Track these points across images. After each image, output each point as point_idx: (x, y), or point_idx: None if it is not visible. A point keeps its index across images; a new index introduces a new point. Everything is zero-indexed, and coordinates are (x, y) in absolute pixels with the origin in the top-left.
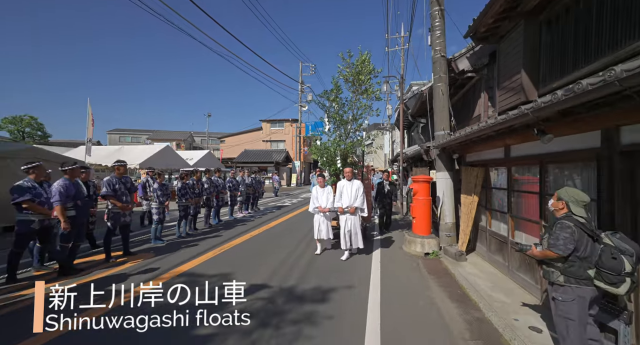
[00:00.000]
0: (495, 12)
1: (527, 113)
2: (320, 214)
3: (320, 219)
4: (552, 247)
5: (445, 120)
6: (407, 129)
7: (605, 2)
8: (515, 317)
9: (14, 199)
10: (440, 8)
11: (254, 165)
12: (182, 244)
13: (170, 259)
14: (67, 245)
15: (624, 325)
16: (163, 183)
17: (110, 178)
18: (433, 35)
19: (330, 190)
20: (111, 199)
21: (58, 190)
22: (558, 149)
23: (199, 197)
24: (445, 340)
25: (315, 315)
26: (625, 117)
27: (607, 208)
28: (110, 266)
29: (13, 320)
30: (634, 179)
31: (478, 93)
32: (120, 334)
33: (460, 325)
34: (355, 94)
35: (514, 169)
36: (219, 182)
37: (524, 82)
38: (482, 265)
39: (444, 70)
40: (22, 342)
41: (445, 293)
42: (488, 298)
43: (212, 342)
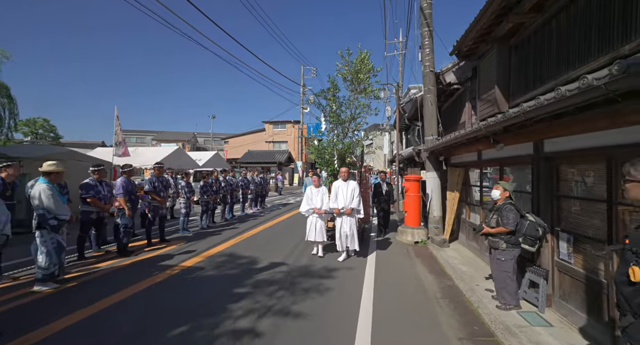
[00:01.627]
0: (474, 36)
1: (481, 128)
2: (314, 216)
3: (313, 221)
4: (506, 225)
5: (434, 127)
6: (404, 130)
7: (552, 36)
8: (477, 283)
9: (82, 194)
10: (429, 29)
11: (257, 165)
12: (206, 234)
13: (200, 244)
14: (130, 230)
15: (543, 280)
16: (189, 182)
17: (151, 177)
18: (423, 52)
19: (325, 190)
20: (152, 194)
21: (121, 185)
22: (510, 154)
23: (217, 194)
24: (422, 298)
25: (322, 284)
26: (543, 134)
27: (536, 197)
28: (153, 249)
29: (90, 284)
30: (552, 176)
31: (463, 102)
32: (185, 288)
33: (435, 289)
34: (353, 93)
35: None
36: (233, 181)
37: (497, 96)
38: (461, 250)
39: (433, 83)
40: (100, 300)
41: (427, 269)
42: (459, 272)
43: (248, 297)
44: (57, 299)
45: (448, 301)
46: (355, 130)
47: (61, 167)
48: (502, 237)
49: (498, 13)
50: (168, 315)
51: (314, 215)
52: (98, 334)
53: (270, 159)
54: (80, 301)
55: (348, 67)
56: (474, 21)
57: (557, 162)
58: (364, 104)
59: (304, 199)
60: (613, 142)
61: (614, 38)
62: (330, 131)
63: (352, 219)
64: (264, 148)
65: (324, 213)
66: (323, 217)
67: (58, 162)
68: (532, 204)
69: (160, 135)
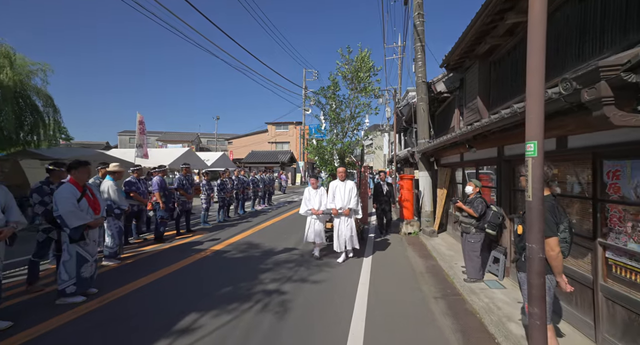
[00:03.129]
0: (459, 53)
1: (457, 136)
2: (313, 217)
3: (312, 222)
4: (475, 211)
5: (426, 131)
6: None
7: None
8: (456, 263)
9: (125, 190)
10: (421, 44)
11: (260, 165)
12: (224, 226)
13: (222, 234)
14: (165, 220)
15: (503, 256)
16: (209, 180)
17: (180, 176)
18: (416, 65)
19: (323, 191)
20: (181, 191)
21: (157, 182)
22: (482, 157)
23: (231, 191)
24: (410, 272)
25: (330, 262)
26: (500, 142)
27: (499, 191)
28: (182, 238)
29: (144, 261)
30: (510, 175)
31: (453, 108)
32: (221, 264)
33: (421, 267)
34: (353, 92)
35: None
36: (245, 180)
37: (479, 105)
38: (447, 239)
39: (425, 93)
40: (156, 271)
41: (417, 254)
42: (443, 255)
43: (271, 270)
44: (123, 270)
45: (430, 275)
46: (355, 130)
47: (123, 168)
48: (472, 223)
49: (477, 35)
50: (214, 281)
51: (312, 216)
52: (165, 292)
53: (273, 159)
54: (142, 271)
55: (348, 65)
56: (458, 40)
57: (514, 164)
58: (364, 103)
59: (303, 200)
60: None
61: (565, 63)
62: (330, 130)
63: (351, 220)
64: (266, 149)
65: (322, 214)
66: (321, 219)
67: (120, 164)
68: (496, 196)
69: (164, 136)
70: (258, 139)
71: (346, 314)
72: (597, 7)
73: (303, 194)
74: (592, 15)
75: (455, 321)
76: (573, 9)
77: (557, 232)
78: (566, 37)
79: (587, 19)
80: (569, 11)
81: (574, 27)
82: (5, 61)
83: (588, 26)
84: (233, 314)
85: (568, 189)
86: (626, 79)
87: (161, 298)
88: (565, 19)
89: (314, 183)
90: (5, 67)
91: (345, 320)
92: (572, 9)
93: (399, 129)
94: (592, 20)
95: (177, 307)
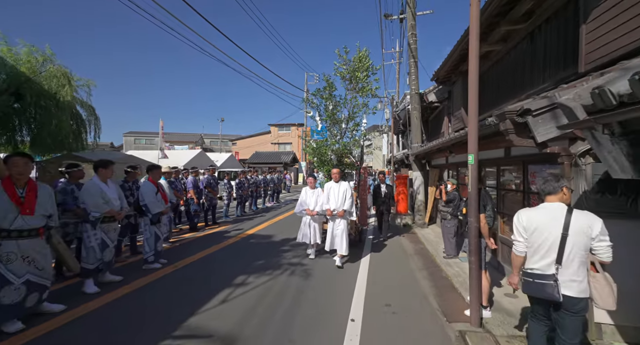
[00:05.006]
0: (446, 70)
1: (439, 144)
2: (308, 217)
3: (307, 222)
4: (447, 197)
5: (418, 137)
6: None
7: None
8: (440, 246)
9: None
10: (414, 60)
11: (264, 165)
12: (243, 220)
13: (244, 225)
14: (198, 213)
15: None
16: (230, 180)
17: (208, 176)
18: (410, 78)
19: (320, 192)
20: (209, 188)
21: (191, 181)
22: (461, 160)
23: (247, 189)
24: (402, 253)
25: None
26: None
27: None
28: (211, 228)
29: (189, 245)
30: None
31: (443, 116)
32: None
33: (411, 250)
34: (351, 92)
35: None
36: (258, 179)
37: (463, 115)
38: (435, 229)
39: (418, 102)
40: (200, 251)
41: (409, 240)
42: (430, 241)
43: (291, 251)
44: (179, 249)
45: (418, 256)
46: (353, 130)
47: (172, 169)
48: (448, 211)
49: (459, 58)
50: (250, 256)
51: (307, 216)
52: (218, 262)
53: (277, 160)
54: (190, 251)
55: (346, 65)
56: (444, 61)
57: (482, 167)
58: (363, 103)
59: (299, 200)
60: (493, 156)
61: (517, 89)
62: (328, 129)
63: (344, 221)
64: (269, 149)
65: (317, 215)
66: (317, 219)
67: (169, 166)
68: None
69: (169, 136)
70: (261, 140)
71: (353, 277)
72: (515, 65)
73: (300, 194)
74: (516, 68)
75: (433, 283)
76: (502, 65)
77: (484, 211)
78: (503, 79)
79: (513, 71)
80: (498, 68)
81: (505, 74)
82: (65, 80)
83: (514, 75)
84: (270, 276)
85: (512, 184)
86: (517, 120)
87: (216, 266)
88: (496, 72)
89: (311, 182)
90: (66, 86)
91: (353, 280)
92: (501, 65)
93: (397, 131)
94: (513, 73)
95: (230, 271)
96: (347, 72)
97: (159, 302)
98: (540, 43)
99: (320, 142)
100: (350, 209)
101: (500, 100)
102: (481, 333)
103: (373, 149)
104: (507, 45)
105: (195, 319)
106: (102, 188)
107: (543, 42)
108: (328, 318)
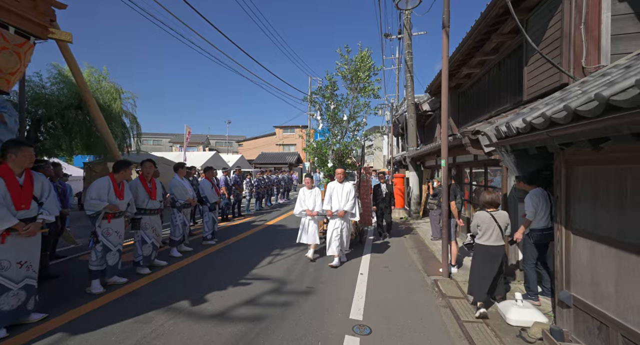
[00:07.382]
0: (437, 84)
1: (428, 149)
2: (307, 217)
3: (306, 222)
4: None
5: (414, 141)
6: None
7: (475, 93)
8: (429, 232)
9: None
10: (410, 75)
11: (270, 166)
12: (262, 213)
13: (265, 217)
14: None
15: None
16: (250, 179)
17: (235, 176)
18: (407, 90)
19: (317, 192)
20: (236, 186)
21: (223, 180)
22: None
23: (264, 187)
24: (398, 239)
25: None
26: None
27: None
28: (239, 219)
29: (227, 230)
30: (459, 174)
31: (436, 123)
32: (276, 232)
33: (406, 235)
34: (353, 92)
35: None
36: (272, 178)
37: (452, 123)
38: (428, 221)
39: (414, 111)
40: (237, 235)
41: (404, 228)
42: (422, 229)
43: None
44: (222, 233)
45: (412, 239)
46: (355, 130)
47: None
48: (434, 203)
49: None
50: (278, 238)
51: (306, 217)
52: (254, 242)
53: (282, 160)
54: (232, 234)
55: (348, 65)
56: (435, 78)
57: (462, 167)
58: (365, 103)
59: (297, 200)
60: (467, 160)
61: (489, 105)
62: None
63: (345, 222)
64: (274, 150)
65: (316, 215)
66: (316, 220)
67: None
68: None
69: (176, 138)
70: (266, 141)
71: (360, 252)
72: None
73: (298, 194)
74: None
75: (420, 256)
76: (479, 85)
77: (455, 199)
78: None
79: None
80: (477, 86)
81: (482, 92)
82: (116, 95)
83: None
84: (297, 250)
85: (480, 181)
86: (471, 137)
87: (255, 243)
88: (476, 89)
89: (308, 182)
90: (117, 100)
91: (360, 253)
92: (479, 85)
93: (396, 133)
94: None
95: (267, 246)
96: (349, 71)
97: (226, 262)
98: (505, 72)
99: (320, 142)
100: (352, 210)
101: (479, 113)
102: (448, 280)
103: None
104: (482, 69)
105: (255, 271)
106: (184, 183)
107: (506, 72)
108: (345, 272)
